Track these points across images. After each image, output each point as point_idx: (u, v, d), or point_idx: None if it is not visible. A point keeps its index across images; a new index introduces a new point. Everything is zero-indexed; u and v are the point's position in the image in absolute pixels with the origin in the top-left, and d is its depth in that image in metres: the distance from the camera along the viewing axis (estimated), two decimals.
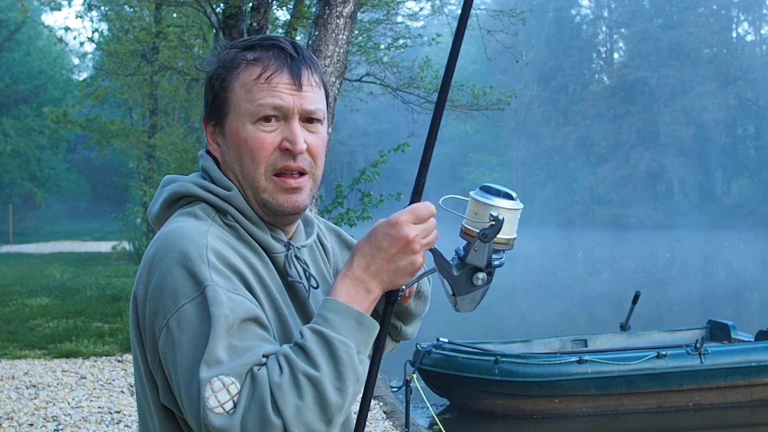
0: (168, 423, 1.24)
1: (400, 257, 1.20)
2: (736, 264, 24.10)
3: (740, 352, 6.80)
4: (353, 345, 1.15)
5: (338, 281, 1.21)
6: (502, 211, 1.21)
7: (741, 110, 46.81)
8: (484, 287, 1.26)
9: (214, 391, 1.09)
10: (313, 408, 1.10)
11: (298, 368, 1.11)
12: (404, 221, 1.20)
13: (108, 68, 17.18)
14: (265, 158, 1.27)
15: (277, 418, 1.08)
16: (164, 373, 1.17)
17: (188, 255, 1.17)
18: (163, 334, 1.15)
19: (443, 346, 6.69)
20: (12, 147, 28.43)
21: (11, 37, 28.56)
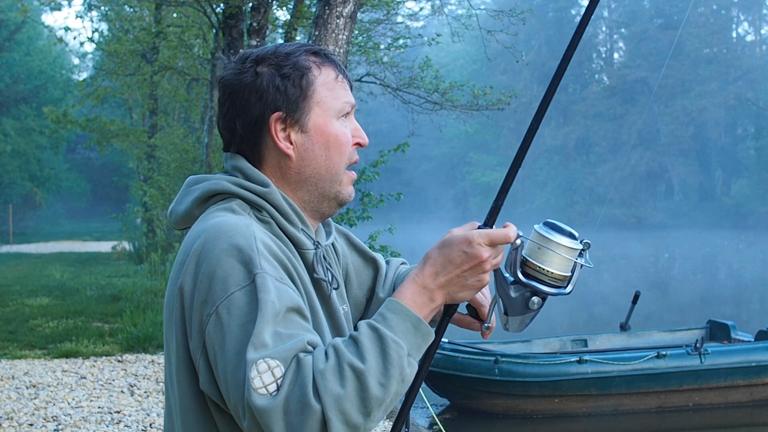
0: (199, 411, 1.27)
1: (470, 274, 1.26)
2: (736, 264, 24.10)
3: (740, 352, 6.80)
4: (405, 347, 1.19)
5: (406, 284, 1.26)
6: (560, 249, 1.29)
7: (741, 110, 46.80)
8: (536, 311, 1.32)
9: (259, 373, 1.12)
10: (354, 398, 1.13)
11: (344, 358, 1.14)
12: (480, 242, 1.26)
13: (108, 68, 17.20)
14: (348, 152, 1.37)
15: (317, 402, 1.11)
16: (207, 359, 1.21)
17: (238, 245, 1.21)
18: (212, 320, 1.19)
19: (443, 346, 6.70)
20: (12, 147, 28.44)
21: (11, 37, 28.55)
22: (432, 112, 11.33)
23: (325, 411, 1.11)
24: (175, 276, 1.28)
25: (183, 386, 1.28)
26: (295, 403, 1.12)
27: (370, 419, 1.15)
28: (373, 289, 1.58)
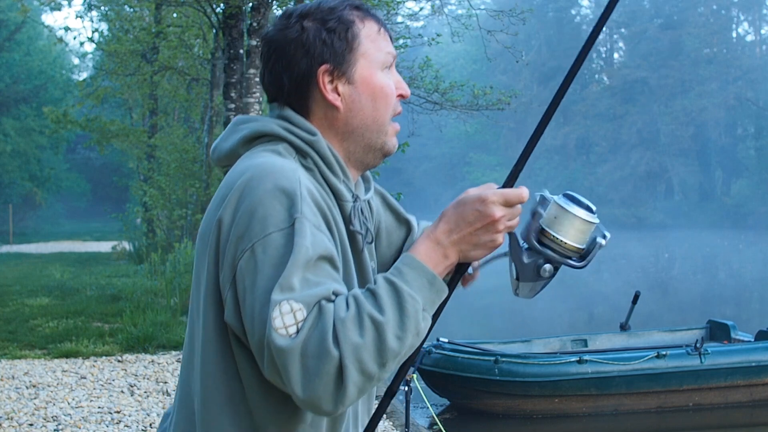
0: (220, 342, 1.28)
1: (483, 233, 1.28)
2: (736, 264, 24.11)
3: (740, 352, 6.80)
4: (421, 301, 1.21)
5: (421, 240, 1.29)
6: (576, 221, 1.31)
7: (741, 110, 46.79)
8: (547, 280, 1.36)
9: (281, 313, 1.14)
10: (371, 349, 1.15)
11: (364, 309, 1.17)
12: (494, 201, 1.28)
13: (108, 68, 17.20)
14: (393, 103, 1.40)
15: (336, 349, 1.14)
16: (235, 293, 1.22)
17: (283, 187, 1.23)
18: (246, 256, 1.21)
19: (443, 346, 6.69)
20: (12, 147, 28.44)
21: (11, 37, 28.55)
22: (432, 112, 11.33)
23: (343, 358, 1.13)
24: (214, 208, 1.29)
25: (208, 317, 1.29)
26: (314, 348, 1.14)
27: (384, 370, 1.18)
28: (401, 249, 1.60)
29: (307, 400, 1.15)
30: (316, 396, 1.15)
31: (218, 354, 1.29)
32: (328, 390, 1.14)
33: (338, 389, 1.14)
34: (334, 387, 1.14)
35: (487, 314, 13.30)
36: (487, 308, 14.15)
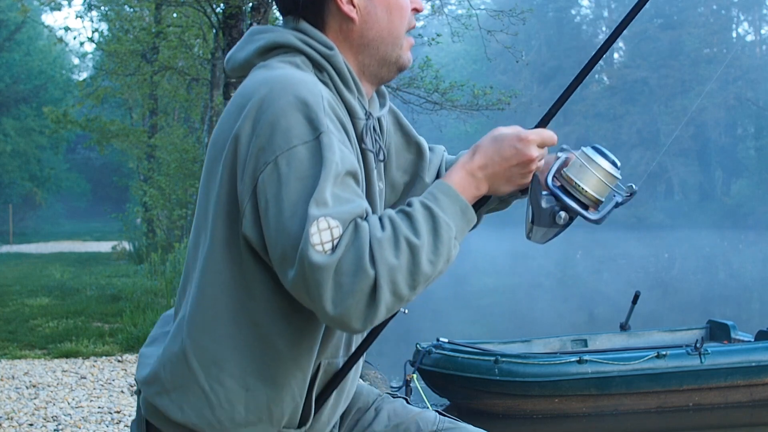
0: (227, 255, 1.28)
1: (515, 171, 1.31)
2: (736, 264, 24.11)
3: (740, 352, 6.80)
4: (454, 229, 1.23)
5: (455, 170, 1.31)
6: (600, 171, 1.34)
7: (741, 110, 46.79)
8: (562, 227, 1.38)
9: (319, 230, 1.15)
10: (405, 271, 1.17)
11: (400, 231, 1.18)
12: (533, 141, 1.32)
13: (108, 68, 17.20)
14: (408, 16, 1.40)
15: (372, 269, 1.15)
16: (255, 205, 1.22)
17: (305, 100, 1.22)
18: (268, 169, 1.20)
19: (443, 346, 6.69)
20: (12, 147, 28.44)
21: (11, 37, 28.54)
22: (432, 112, 11.33)
23: (378, 278, 1.15)
24: (231, 119, 1.28)
25: (217, 228, 1.29)
26: (350, 265, 1.15)
27: (414, 293, 1.20)
28: (413, 172, 1.60)
29: (336, 317, 1.16)
30: (347, 313, 1.15)
31: (224, 264, 1.29)
32: (359, 308, 1.15)
33: (369, 308, 1.16)
34: (366, 306, 1.15)
35: (487, 314, 13.30)
36: (487, 308, 14.15)
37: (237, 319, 1.29)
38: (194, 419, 1.31)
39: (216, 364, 1.29)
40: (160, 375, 1.34)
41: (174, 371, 1.32)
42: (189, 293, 1.34)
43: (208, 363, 1.30)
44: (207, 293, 1.30)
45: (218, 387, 1.29)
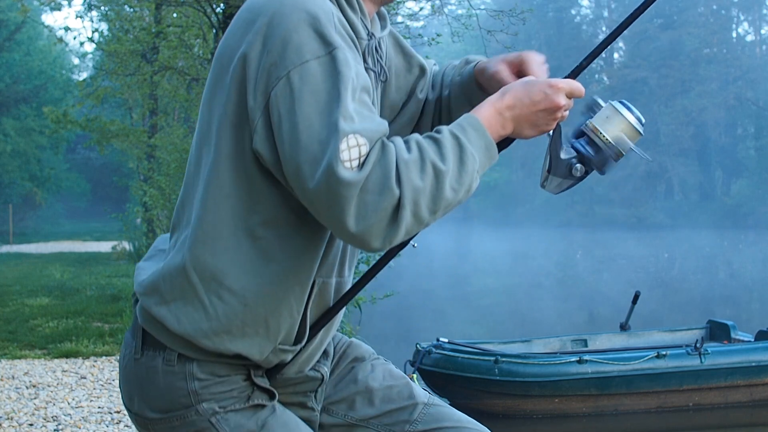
0: (232, 171, 1.29)
1: (542, 116, 1.34)
2: (736, 264, 24.11)
3: (740, 352, 6.80)
4: (478, 161, 1.26)
5: (485, 106, 1.33)
6: (624, 125, 1.38)
7: (741, 110, 46.78)
8: (576, 180, 1.41)
9: (348, 146, 1.16)
10: (428, 195, 1.19)
11: (428, 155, 1.20)
12: (562, 89, 1.34)
13: (108, 68, 17.18)
14: None
15: (397, 188, 1.17)
16: (267, 120, 1.23)
17: (317, 16, 1.23)
18: (281, 84, 1.21)
19: (443, 346, 6.69)
20: (12, 147, 28.42)
21: (11, 37, 28.53)
22: None
23: (403, 198, 1.17)
24: (238, 34, 1.28)
25: (222, 144, 1.29)
26: (376, 184, 1.16)
27: (434, 218, 1.23)
28: (410, 91, 1.62)
29: (358, 233, 1.18)
30: (368, 231, 1.17)
31: (229, 179, 1.29)
32: (380, 227, 1.17)
33: (390, 227, 1.18)
34: (387, 224, 1.18)
35: (487, 314, 13.30)
36: (487, 308, 14.15)
37: (239, 233, 1.30)
38: (191, 331, 1.32)
39: (215, 279, 1.30)
40: (160, 286, 1.35)
41: (174, 284, 1.33)
42: (190, 209, 1.36)
43: (207, 277, 1.30)
44: (209, 208, 1.31)
45: (217, 301, 1.30)
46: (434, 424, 1.55)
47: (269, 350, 1.35)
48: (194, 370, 1.34)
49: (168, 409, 1.36)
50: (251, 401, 1.37)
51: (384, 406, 1.56)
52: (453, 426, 1.55)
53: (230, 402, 1.36)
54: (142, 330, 1.39)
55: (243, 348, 1.33)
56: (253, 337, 1.33)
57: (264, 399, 1.39)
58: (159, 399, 1.37)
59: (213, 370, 1.35)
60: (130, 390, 1.43)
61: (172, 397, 1.35)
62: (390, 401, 1.56)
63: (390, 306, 9.28)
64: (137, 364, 1.39)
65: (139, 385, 1.40)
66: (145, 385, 1.39)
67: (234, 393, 1.36)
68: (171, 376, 1.35)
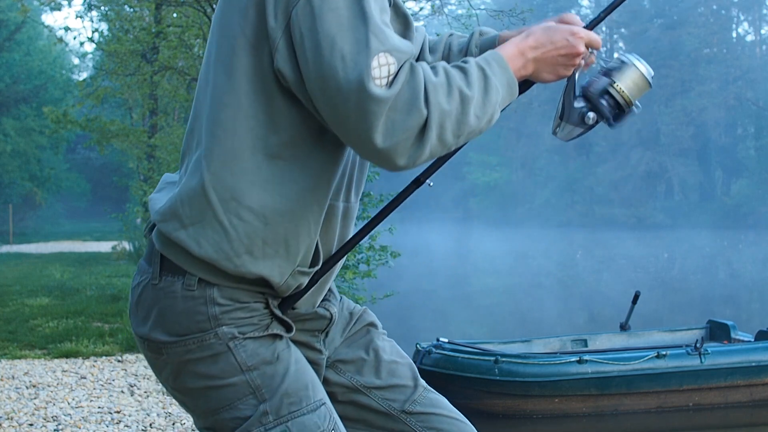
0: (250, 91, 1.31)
1: (561, 61, 1.40)
2: (736, 264, 24.11)
3: (740, 352, 6.80)
4: (501, 94, 1.32)
5: (510, 45, 1.39)
6: (636, 75, 1.46)
7: (741, 110, 46.79)
8: (587, 128, 1.48)
9: (379, 64, 1.20)
10: (454, 118, 1.23)
11: (455, 81, 1.25)
12: (583, 37, 1.41)
13: (108, 68, 17.19)
14: None
15: (425, 108, 1.21)
16: (289, 39, 1.26)
17: None
18: (301, 2, 1.23)
19: (443, 346, 6.69)
20: (12, 147, 28.42)
21: (11, 37, 28.53)
22: None
23: (430, 119, 1.20)
24: None
25: (239, 64, 1.31)
26: (404, 103, 1.19)
27: (456, 142, 1.27)
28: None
29: (384, 150, 1.20)
30: (394, 148, 1.20)
31: (248, 98, 1.31)
32: (406, 145, 1.21)
33: (416, 147, 1.21)
34: (413, 143, 1.21)
35: (488, 314, 13.30)
36: (487, 308, 14.15)
37: (258, 153, 1.32)
38: (212, 253, 1.33)
39: (235, 198, 1.31)
40: (178, 210, 1.36)
41: (192, 206, 1.34)
42: (200, 132, 1.37)
43: (227, 197, 1.31)
44: (227, 128, 1.32)
45: (237, 221, 1.32)
46: (432, 409, 1.58)
47: (289, 272, 1.37)
48: (215, 295, 1.35)
49: (185, 332, 1.37)
50: (270, 330, 1.39)
51: (389, 379, 1.58)
52: (448, 415, 1.59)
53: (250, 329, 1.37)
54: (160, 256, 1.39)
55: (264, 269, 1.34)
56: (273, 258, 1.35)
57: (281, 330, 1.41)
58: (176, 323, 1.37)
59: (233, 296, 1.36)
60: (144, 315, 1.42)
61: (191, 321, 1.36)
62: (395, 376, 1.59)
63: (390, 306, 9.28)
64: (155, 290, 1.39)
65: (156, 310, 1.39)
66: (162, 309, 1.38)
67: (254, 320, 1.38)
68: (191, 301, 1.36)
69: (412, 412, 1.57)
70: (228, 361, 1.35)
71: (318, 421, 1.38)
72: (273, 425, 1.35)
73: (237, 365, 1.36)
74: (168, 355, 1.39)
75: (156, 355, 1.41)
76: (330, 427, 1.39)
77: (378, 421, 1.58)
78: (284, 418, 1.35)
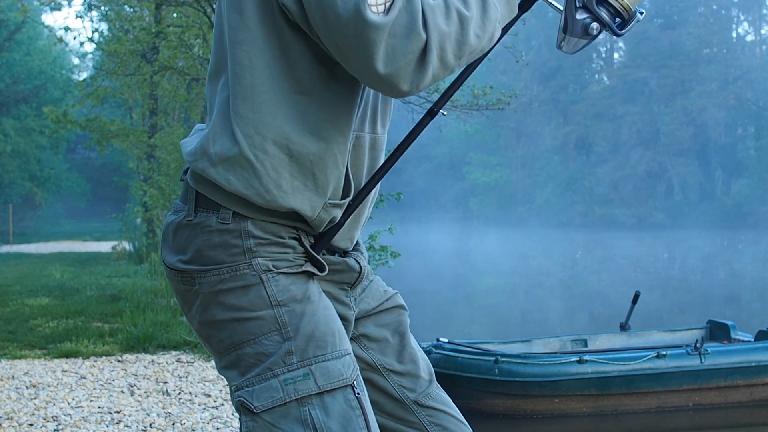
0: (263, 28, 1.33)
1: None
2: (736, 264, 24.11)
3: (740, 352, 6.80)
4: (500, 11, 1.32)
5: None
6: None
7: (741, 110, 46.79)
8: (591, 38, 1.47)
9: None
10: (453, 40, 1.24)
11: (452, 2, 1.25)
12: None
13: (108, 68, 17.19)
14: None
15: (424, 32, 1.21)
16: None
17: None
18: None
19: (443, 346, 6.69)
20: (12, 147, 28.42)
21: (11, 37, 28.53)
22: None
23: (429, 42, 1.21)
24: None
25: (248, 5, 1.33)
26: (403, 28, 1.20)
27: (458, 64, 1.27)
28: None
29: (386, 76, 1.21)
30: (396, 74, 1.21)
31: (259, 33, 1.33)
32: (408, 70, 1.21)
33: (418, 71, 1.22)
34: (414, 68, 1.22)
35: (488, 314, 13.30)
36: (487, 308, 14.15)
37: (275, 87, 1.34)
38: (242, 189, 1.35)
39: (259, 133, 1.33)
40: (208, 149, 1.38)
41: (221, 143, 1.36)
42: (224, 73, 1.39)
43: (251, 132, 1.34)
44: (245, 64, 1.34)
45: (262, 155, 1.34)
46: (442, 406, 1.60)
47: (321, 206, 1.38)
48: (249, 228, 1.37)
49: (221, 261, 1.38)
50: (303, 268, 1.40)
51: (410, 367, 1.60)
52: (455, 417, 1.61)
53: (284, 264, 1.38)
54: (195, 192, 1.42)
55: (295, 203, 1.36)
56: (303, 192, 1.36)
57: (315, 270, 1.41)
58: (212, 256, 1.39)
59: (268, 229, 1.38)
60: (179, 250, 1.43)
61: (226, 253, 1.37)
62: (415, 366, 1.61)
63: None
64: (190, 226, 1.41)
65: (192, 245, 1.41)
66: (199, 244, 1.40)
67: (289, 257, 1.39)
68: (226, 234, 1.37)
69: (424, 405, 1.58)
70: (259, 293, 1.36)
71: (342, 369, 1.37)
72: (297, 366, 1.34)
73: (267, 298, 1.36)
74: (200, 285, 1.40)
75: (188, 287, 1.42)
76: (353, 377, 1.38)
77: (388, 405, 1.58)
78: (309, 361, 1.35)
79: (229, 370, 1.40)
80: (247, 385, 1.36)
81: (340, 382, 1.35)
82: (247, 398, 1.35)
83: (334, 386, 1.35)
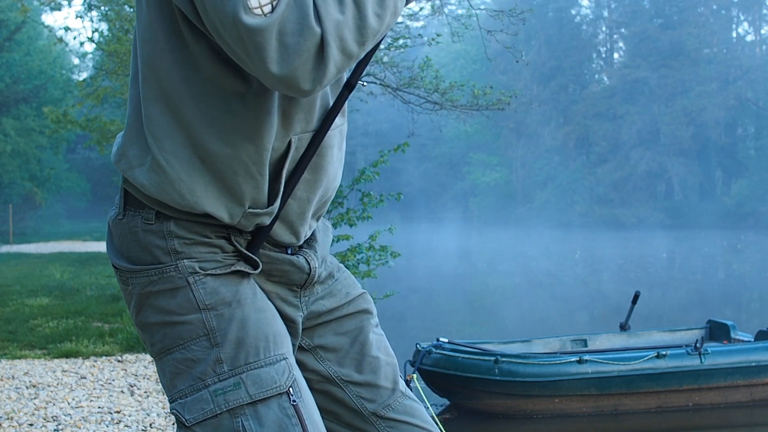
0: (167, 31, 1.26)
1: None
2: (736, 264, 24.11)
3: (740, 352, 6.80)
4: None
5: None
6: None
7: (741, 110, 46.79)
8: None
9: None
10: (352, 26, 1.14)
11: None
12: None
13: (108, 68, 17.18)
14: None
15: (317, 26, 1.12)
16: None
17: None
18: None
19: (443, 346, 6.70)
20: (12, 147, 28.42)
21: (11, 37, 28.53)
22: (432, 112, 11.32)
23: (325, 35, 1.12)
24: None
25: (150, 3, 1.28)
26: (294, 24, 1.11)
27: (363, 49, 1.17)
28: None
29: (283, 77, 1.13)
30: (293, 74, 1.13)
31: (164, 34, 1.27)
32: (307, 68, 1.13)
33: (317, 67, 1.13)
34: (314, 65, 1.13)
35: (487, 314, 13.30)
36: (487, 308, 14.15)
37: (182, 90, 1.27)
38: (157, 194, 1.30)
39: (168, 137, 1.28)
40: (127, 152, 1.35)
41: (136, 146, 1.33)
42: (138, 70, 1.34)
43: (160, 136, 1.28)
44: (151, 65, 1.28)
45: (174, 159, 1.28)
46: (405, 417, 1.53)
47: (240, 213, 1.32)
48: (172, 228, 1.32)
49: (149, 262, 1.34)
50: (234, 267, 1.34)
51: (369, 376, 1.53)
52: (418, 425, 1.53)
53: (212, 265, 1.32)
54: (124, 191, 1.39)
55: (211, 208, 1.30)
56: (218, 198, 1.30)
57: (248, 268, 1.35)
58: (140, 256, 1.35)
59: (193, 229, 1.32)
60: (115, 248, 1.40)
61: (153, 255, 1.33)
62: (376, 375, 1.54)
63: (390, 306, 9.29)
64: (120, 224, 1.38)
65: (123, 243, 1.38)
66: (128, 243, 1.36)
67: (218, 257, 1.33)
68: (151, 235, 1.33)
69: (384, 417, 1.52)
70: (186, 296, 1.31)
71: (276, 376, 1.30)
72: (227, 375, 1.29)
73: (194, 302, 1.31)
74: (133, 286, 1.36)
75: (124, 286, 1.39)
76: (288, 384, 1.31)
77: (347, 416, 1.52)
78: (239, 369, 1.29)
79: (163, 377, 1.36)
80: (180, 397, 1.31)
81: (273, 390, 1.29)
82: (180, 410, 1.30)
83: (267, 395, 1.28)
